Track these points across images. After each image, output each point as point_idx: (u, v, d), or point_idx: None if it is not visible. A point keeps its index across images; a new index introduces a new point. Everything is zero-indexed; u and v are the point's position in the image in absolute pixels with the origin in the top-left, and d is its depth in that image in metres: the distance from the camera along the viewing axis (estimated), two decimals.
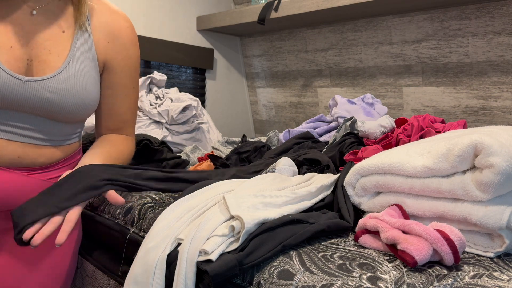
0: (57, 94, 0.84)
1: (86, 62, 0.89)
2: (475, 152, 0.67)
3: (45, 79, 0.83)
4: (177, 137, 1.69)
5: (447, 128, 1.12)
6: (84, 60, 0.89)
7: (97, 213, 1.07)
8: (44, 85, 0.83)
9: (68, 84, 0.85)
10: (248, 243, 0.66)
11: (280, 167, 1.01)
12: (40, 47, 0.85)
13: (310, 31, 2.25)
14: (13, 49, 0.81)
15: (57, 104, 0.85)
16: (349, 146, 1.25)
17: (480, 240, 0.70)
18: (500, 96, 1.71)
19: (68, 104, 0.86)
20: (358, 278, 0.59)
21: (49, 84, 0.83)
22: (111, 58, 0.94)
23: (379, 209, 0.80)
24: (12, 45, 0.82)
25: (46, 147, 0.89)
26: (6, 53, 0.80)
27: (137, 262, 0.71)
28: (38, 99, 0.83)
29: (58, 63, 0.86)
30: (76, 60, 0.87)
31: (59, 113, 0.86)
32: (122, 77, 0.96)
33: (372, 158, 0.82)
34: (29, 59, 0.83)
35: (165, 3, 2.23)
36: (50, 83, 0.83)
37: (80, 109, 0.89)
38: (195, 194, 0.83)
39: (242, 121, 2.72)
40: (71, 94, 0.86)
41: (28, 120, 0.85)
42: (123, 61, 0.96)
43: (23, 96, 0.82)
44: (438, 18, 1.79)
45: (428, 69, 1.89)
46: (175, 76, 2.36)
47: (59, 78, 0.84)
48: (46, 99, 0.83)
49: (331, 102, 1.66)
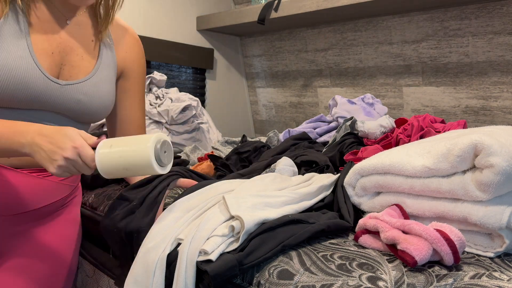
0: (88, 96, 0.92)
1: (109, 69, 0.98)
2: (475, 152, 0.67)
3: (79, 82, 0.91)
4: (177, 137, 1.69)
5: (447, 128, 1.12)
6: (109, 67, 0.98)
7: (97, 213, 1.07)
8: (78, 88, 0.91)
9: (97, 87, 0.94)
10: (248, 243, 0.66)
11: (280, 167, 1.01)
12: (74, 53, 0.92)
13: (310, 31, 2.25)
14: (53, 55, 0.89)
15: (86, 106, 0.92)
16: (349, 146, 1.25)
17: (480, 240, 0.70)
18: (500, 96, 1.71)
19: (95, 106, 0.94)
20: (358, 278, 0.59)
21: (82, 86, 0.91)
22: (127, 67, 1.03)
23: (379, 209, 0.80)
24: (53, 51, 0.89)
25: None
26: (47, 59, 0.87)
27: (137, 262, 0.71)
28: (72, 101, 0.90)
29: (89, 68, 0.94)
30: (103, 67, 0.96)
31: (86, 114, 0.94)
32: (135, 84, 1.05)
33: (372, 158, 0.82)
34: (63, 64, 0.91)
35: (165, 3, 2.23)
36: (83, 85, 0.92)
37: (103, 111, 0.97)
38: (195, 194, 0.83)
39: (242, 121, 2.72)
40: (99, 97, 0.94)
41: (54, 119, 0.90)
42: (136, 71, 1.05)
43: (60, 98, 0.88)
44: (438, 18, 1.79)
45: (428, 69, 1.89)
46: (175, 76, 2.36)
47: (91, 82, 0.93)
48: (79, 100, 0.91)
49: (331, 102, 1.66)
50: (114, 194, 1.09)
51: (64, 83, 0.89)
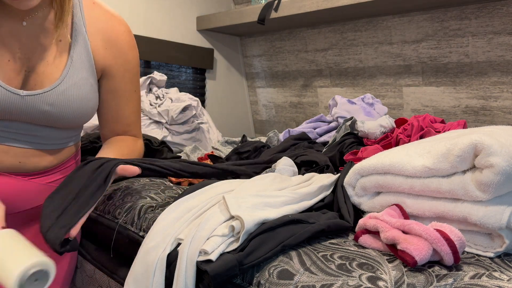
0: (56, 106, 0.83)
1: (84, 70, 0.87)
2: (475, 152, 0.67)
3: (43, 92, 0.81)
4: (177, 137, 1.69)
5: (447, 128, 1.12)
6: (82, 69, 0.87)
7: (97, 213, 1.07)
8: (43, 99, 0.81)
9: (66, 95, 0.84)
10: (248, 243, 0.66)
11: (280, 167, 1.01)
12: (38, 58, 0.82)
13: (310, 31, 2.25)
14: (10, 62, 0.80)
15: (56, 116, 0.84)
16: (349, 146, 1.25)
17: (480, 240, 0.70)
18: (500, 96, 1.71)
19: (67, 115, 0.85)
20: (358, 278, 0.59)
21: (47, 97, 0.82)
22: (109, 64, 0.92)
23: (379, 209, 0.80)
24: (10, 59, 0.80)
25: (47, 151, 0.89)
26: (3, 67, 0.79)
27: (137, 262, 0.71)
28: (37, 112, 0.82)
29: (56, 74, 0.84)
30: (74, 70, 0.86)
31: (58, 123, 0.86)
32: (122, 82, 0.96)
33: (372, 158, 0.82)
34: (27, 71, 0.82)
35: (165, 3, 2.23)
36: (48, 96, 0.82)
37: (79, 118, 0.88)
38: (195, 194, 0.83)
39: (242, 121, 2.72)
40: (69, 105, 0.84)
41: (28, 128, 0.85)
42: (123, 66, 0.95)
43: (23, 110, 0.80)
44: (438, 18, 1.79)
45: (428, 69, 1.89)
46: (175, 76, 2.36)
47: (58, 90, 0.83)
48: (45, 111, 0.82)
49: (331, 102, 1.66)
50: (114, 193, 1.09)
51: (24, 93, 0.79)
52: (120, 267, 0.99)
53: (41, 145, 0.88)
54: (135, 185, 1.08)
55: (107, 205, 1.04)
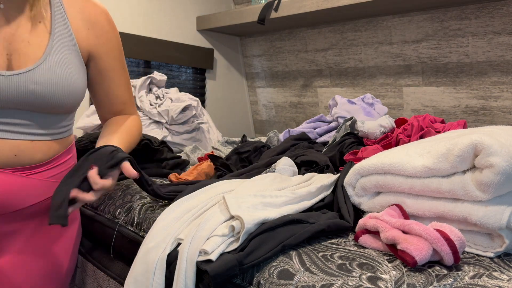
0: (42, 84, 0.83)
1: (67, 50, 0.88)
2: (475, 152, 0.67)
3: (28, 71, 0.82)
4: (177, 137, 1.69)
5: (447, 128, 1.12)
6: (65, 49, 0.88)
7: (97, 213, 1.07)
8: (28, 77, 0.82)
9: (53, 73, 0.84)
10: (248, 243, 0.66)
11: (280, 167, 1.01)
12: (18, 39, 0.83)
13: (310, 31, 2.25)
14: None
15: (43, 95, 0.84)
16: (349, 146, 1.25)
17: (480, 240, 0.70)
18: (500, 96, 1.71)
19: (54, 94, 0.85)
20: (358, 278, 0.59)
21: (32, 75, 0.82)
22: (94, 45, 0.94)
23: (379, 209, 0.80)
24: None
25: (42, 142, 0.89)
26: None
27: (137, 262, 0.71)
28: (24, 92, 0.82)
29: (39, 53, 0.84)
30: (57, 49, 0.86)
31: (47, 104, 0.85)
32: (109, 61, 0.98)
33: (372, 158, 0.82)
34: (8, 54, 0.82)
35: (165, 3, 2.23)
36: (33, 74, 0.82)
37: (67, 98, 0.88)
38: (195, 194, 0.83)
39: (242, 121, 2.72)
40: (56, 83, 0.85)
41: (18, 115, 0.84)
42: (106, 46, 0.97)
43: (8, 92, 0.80)
44: (438, 18, 1.79)
45: (428, 69, 1.89)
46: (175, 76, 2.36)
47: (43, 68, 0.83)
48: (31, 91, 0.82)
49: (331, 102, 1.66)
50: (114, 193, 1.09)
51: (8, 73, 0.80)
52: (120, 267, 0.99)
53: (34, 136, 0.87)
54: (135, 185, 1.08)
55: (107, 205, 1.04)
